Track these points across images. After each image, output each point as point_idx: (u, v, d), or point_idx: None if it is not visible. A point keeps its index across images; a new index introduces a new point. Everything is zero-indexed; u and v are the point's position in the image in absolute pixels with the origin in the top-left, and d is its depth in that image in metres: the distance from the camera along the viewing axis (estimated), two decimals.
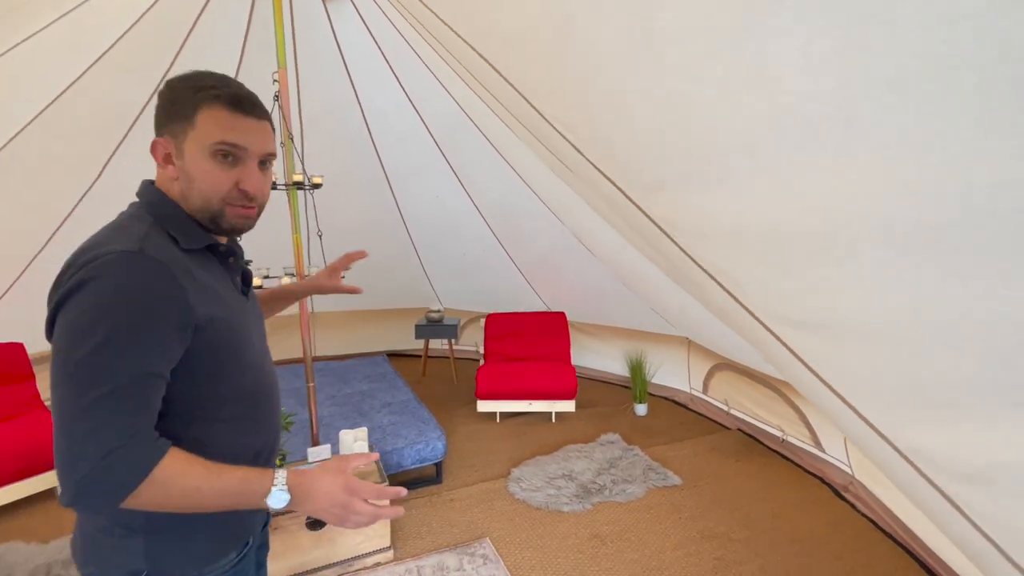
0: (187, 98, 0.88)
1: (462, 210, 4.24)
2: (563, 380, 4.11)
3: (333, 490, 0.85)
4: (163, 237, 0.88)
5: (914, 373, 0.76)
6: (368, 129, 3.80)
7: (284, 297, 1.41)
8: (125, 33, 2.40)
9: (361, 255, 1.39)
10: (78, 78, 2.49)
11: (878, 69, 0.59)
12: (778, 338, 1.00)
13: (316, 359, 2.70)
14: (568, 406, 4.16)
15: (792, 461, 3.47)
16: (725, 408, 4.14)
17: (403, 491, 0.92)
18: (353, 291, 1.45)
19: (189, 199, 0.91)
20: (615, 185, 1.16)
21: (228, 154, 0.89)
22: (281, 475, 0.84)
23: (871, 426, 0.89)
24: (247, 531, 1.02)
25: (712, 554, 2.58)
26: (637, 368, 4.41)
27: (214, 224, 0.93)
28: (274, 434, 1.07)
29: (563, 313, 4.69)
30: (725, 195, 0.90)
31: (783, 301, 0.91)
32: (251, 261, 1.39)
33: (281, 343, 5.28)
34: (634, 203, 1.17)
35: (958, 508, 0.82)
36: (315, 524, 2.29)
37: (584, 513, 2.93)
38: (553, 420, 4.19)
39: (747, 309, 1.03)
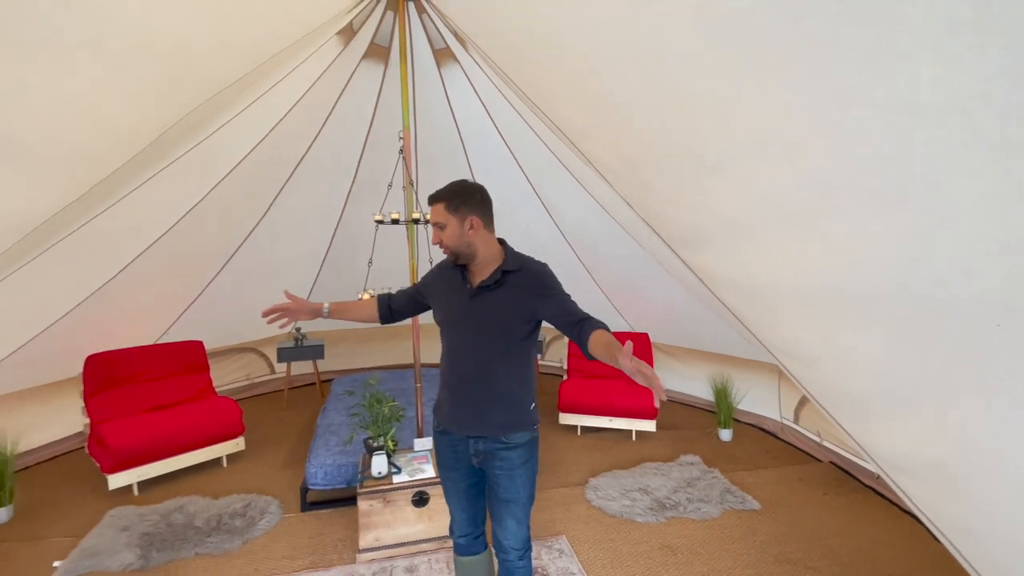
0: (488, 202, 1.75)
1: (548, 235, 4.63)
2: (644, 399, 4.25)
3: None
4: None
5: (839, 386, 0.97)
6: (470, 168, 4.35)
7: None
8: (290, 109, 3.14)
9: None
10: (258, 144, 3.29)
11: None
12: (782, 365, 1.22)
13: (423, 365, 3.20)
14: (649, 425, 4.28)
15: (887, 499, 3.33)
16: (817, 439, 4.02)
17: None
18: None
19: (476, 246, 1.74)
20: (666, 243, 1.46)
21: None
22: None
23: (840, 426, 1.08)
24: (438, 416, 1.93)
25: None
26: (722, 393, 4.42)
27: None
28: (456, 373, 1.82)
29: (646, 334, 4.84)
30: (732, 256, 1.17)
31: (778, 336, 1.15)
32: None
33: (394, 348, 6.03)
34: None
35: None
36: (420, 501, 2.74)
37: (657, 525, 3.08)
38: (633, 438, 4.34)
39: (760, 342, 1.26)
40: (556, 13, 1.17)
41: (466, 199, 1.70)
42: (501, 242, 1.82)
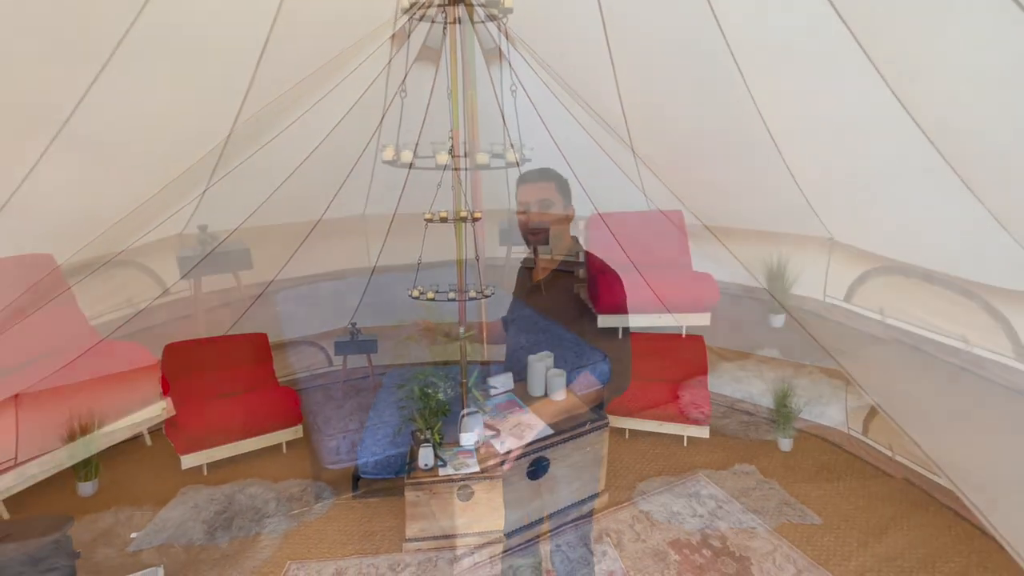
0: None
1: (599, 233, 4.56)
2: (696, 404, 4.10)
3: None
4: None
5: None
6: (519, 168, 4.36)
7: None
8: (347, 113, 3.30)
9: None
10: (316, 147, 3.48)
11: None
12: (841, 367, 1.13)
13: (469, 362, 3.23)
14: (701, 431, 4.12)
15: (970, 522, 3.03)
16: (889, 453, 3.73)
17: None
18: None
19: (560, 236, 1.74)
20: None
21: None
22: None
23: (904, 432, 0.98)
24: None
25: None
26: (782, 400, 4.19)
27: None
28: None
29: (701, 337, 4.65)
30: None
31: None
32: None
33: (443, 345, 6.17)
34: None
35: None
36: (464, 495, 2.76)
37: (707, 533, 2.97)
38: (684, 444, 4.19)
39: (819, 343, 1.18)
40: (605, 9, 1.15)
41: (568, 191, 1.71)
42: (575, 240, 1.79)
